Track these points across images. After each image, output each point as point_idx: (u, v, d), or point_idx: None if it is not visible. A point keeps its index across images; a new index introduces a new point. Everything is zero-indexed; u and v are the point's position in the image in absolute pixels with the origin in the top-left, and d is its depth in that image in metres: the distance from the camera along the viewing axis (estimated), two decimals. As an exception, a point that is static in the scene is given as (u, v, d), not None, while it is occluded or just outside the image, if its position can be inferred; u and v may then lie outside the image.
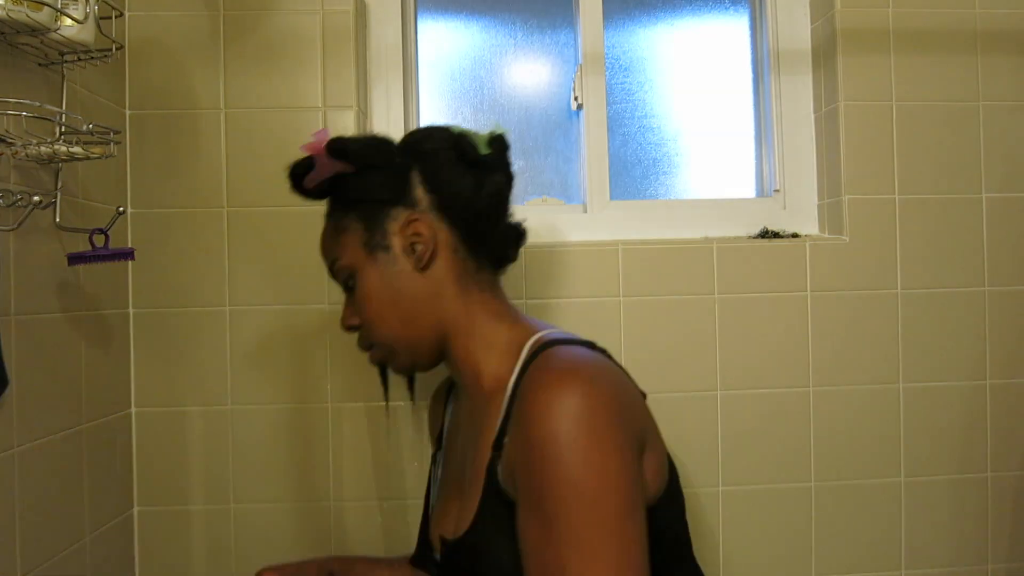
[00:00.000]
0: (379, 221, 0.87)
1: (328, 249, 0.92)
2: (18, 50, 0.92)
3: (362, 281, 0.87)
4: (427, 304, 0.87)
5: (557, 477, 0.69)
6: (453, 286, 0.87)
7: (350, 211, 0.88)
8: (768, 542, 1.29)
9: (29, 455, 0.96)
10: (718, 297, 1.29)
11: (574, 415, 0.71)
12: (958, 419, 1.31)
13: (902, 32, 1.31)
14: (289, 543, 1.26)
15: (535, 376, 0.77)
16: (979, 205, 1.32)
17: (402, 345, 0.88)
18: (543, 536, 0.70)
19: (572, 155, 1.45)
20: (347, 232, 0.88)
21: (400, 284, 0.86)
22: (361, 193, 0.87)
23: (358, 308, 0.89)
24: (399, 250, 0.86)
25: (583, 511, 0.69)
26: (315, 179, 0.88)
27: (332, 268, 0.91)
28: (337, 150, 0.85)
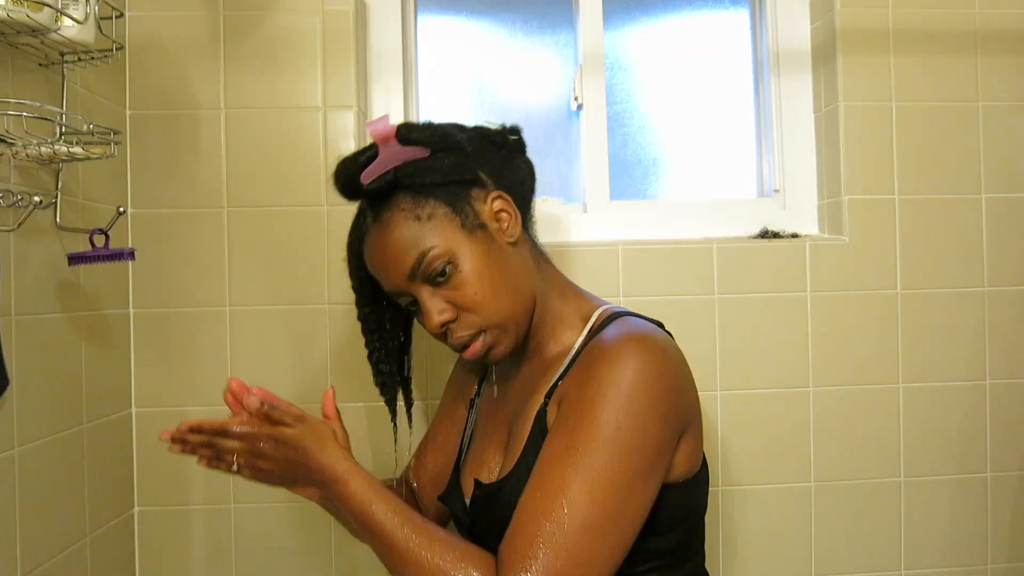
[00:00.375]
0: (465, 201, 0.85)
1: (411, 244, 0.82)
2: (18, 50, 0.92)
3: (467, 262, 0.83)
4: (527, 276, 0.88)
5: (603, 416, 0.74)
6: (532, 260, 0.91)
7: (428, 197, 0.83)
8: (768, 542, 1.29)
9: (29, 455, 0.96)
10: (718, 297, 1.29)
11: (639, 371, 0.75)
12: (958, 419, 1.31)
13: (902, 32, 1.31)
14: (289, 543, 1.26)
15: (611, 335, 0.81)
16: (979, 205, 1.32)
17: (514, 321, 0.85)
18: (563, 455, 0.74)
19: (572, 155, 1.45)
20: (434, 218, 0.83)
21: (503, 259, 0.85)
22: (442, 175, 0.84)
23: (459, 295, 0.83)
24: (491, 227, 0.86)
25: (609, 455, 0.73)
26: (378, 171, 0.83)
27: (419, 265, 0.82)
28: (408, 136, 0.83)
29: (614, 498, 0.72)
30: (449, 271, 0.83)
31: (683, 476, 0.82)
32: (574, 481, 0.72)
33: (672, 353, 0.81)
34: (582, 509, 0.71)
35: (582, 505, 0.71)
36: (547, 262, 0.94)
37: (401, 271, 0.83)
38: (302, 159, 1.25)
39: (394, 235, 0.83)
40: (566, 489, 0.72)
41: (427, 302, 0.84)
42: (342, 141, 1.26)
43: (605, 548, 0.72)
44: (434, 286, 0.84)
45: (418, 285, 0.84)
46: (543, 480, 0.74)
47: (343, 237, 1.19)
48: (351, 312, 1.24)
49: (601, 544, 0.72)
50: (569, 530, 0.70)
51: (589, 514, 0.71)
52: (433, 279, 0.83)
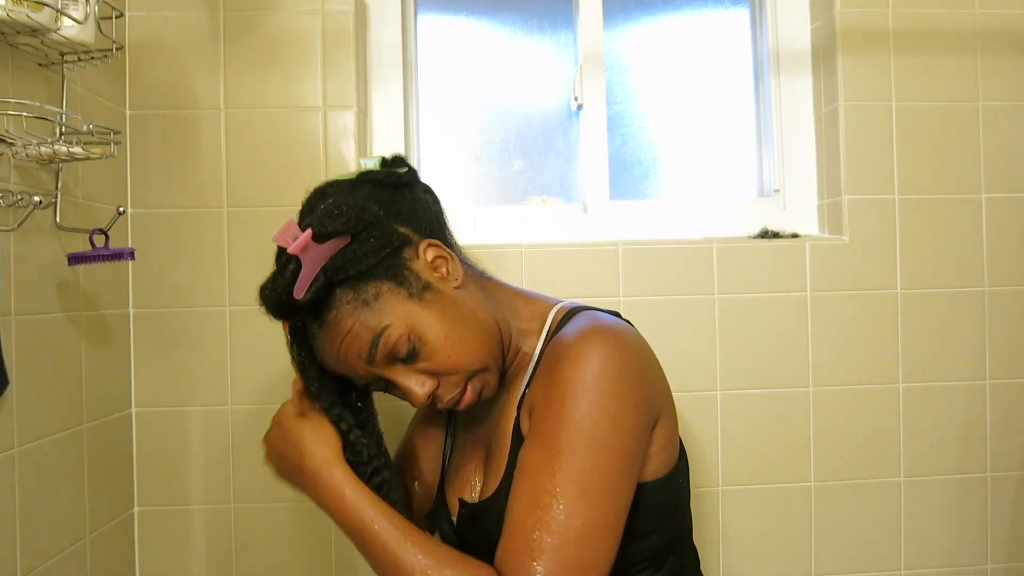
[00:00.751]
0: (403, 268, 0.81)
1: (364, 329, 0.78)
2: (18, 50, 0.92)
3: (430, 331, 0.79)
4: (484, 311, 0.85)
5: (575, 416, 0.73)
6: (479, 289, 0.88)
7: (367, 280, 0.79)
8: (768, 542, 1.29)
9: (29, 455, 0.96)
10: (718, 297, 1.29)
11: (601, 364, 0.75)
12: (958, 419, 1.31)
13: (902, 32, 1.31)
14: (289, 543, 1.26)
15: (568, 333, 0.80)
16: (979, 205, 1.32)
17: (492, 359, 0.84)
18: (546, 464, 0.73)
19: (572, 155, 1.45)
20: (380, 298, 0.79)
21: (458, 307, 0.82)
22: (374, 255, 0.79)
23: (433, 364, 0.80)
24: (436, 282, 0.82)
25: (592, 454, 0.73)
26: (308, 280, 0.78)
27: (376, 348, 0.78)
28: (324, 232, 0.78)
29: (607, 497, 0.73)
30: (416, 347, 0.79)
31: (662, 471, 0.82)
32: (566, 488, 0.72)
33: (632, 341, 0.81)
34: (579, 515, 0.71)
35: (578, 511, 0.71)
36: (490, 281, 0.92)
37: (360, 360, 0.79)
38: (302, 159, 1.25)
39: (345, 327, 0.78)
40: (558, 496, 0.71)
41: (404, 381, 0.80)
42: (342, 141, 1.26)
43: (604, 549, 0.72)
44: (405, 364, 0.80)
45: (386, 367, 0.80)
46: (533, 490, 0.73)
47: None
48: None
49: (601, 546, 0.72)
50: (570, 538, 0.70)
51: (587, 518, 0.71)
52: (404, 360, 0.80)
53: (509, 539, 0.73)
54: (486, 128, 1.45)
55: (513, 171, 1.44)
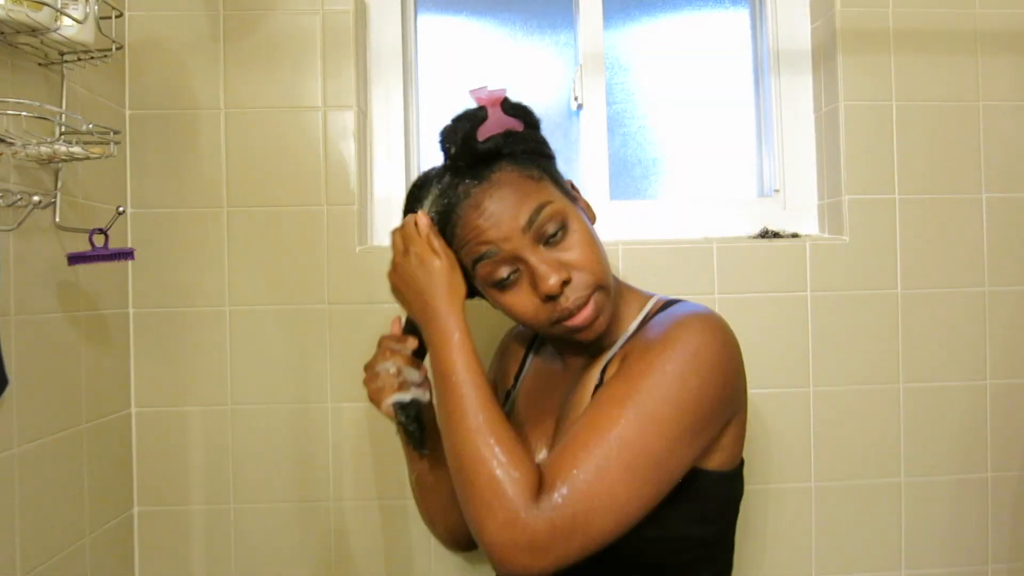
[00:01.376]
0: (556, 176, 0.88)
1: (529, 196, 0.81)
2: (18, 50, 0.92)
3: (576, 224, 0.83)
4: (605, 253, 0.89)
5: (667, 368, 0.75)
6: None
7: (532, 165, 0.85)
8: (768, 542, 1.29)
9: (29, 455, 0.96)
10: (718, 297, 1.29)
11: (709, 339, 0.78)
12: (958, 419, 1.31)
13: (902, 32, 1.31)
14: (289, 543, 1.26)
15: (676, 311, 0.84)
16: (979, 205, 1.32)
17: (615, 291, 0.87)
18: (621, 398, 0.75)
19: (572, 155, 1.45)
20: (543, 180, 0.84)
21: (593, 231, 0.87)
22: (542, 147, 0.88)
23: (572, 256, 0.82)
24: (581, 203, 0.90)
25: (668, 405, 0.74)
26: (489, 131, 0.84)
27: (538, 215, 0.81)
28: (513, 106, 0.86)
29: (662, 448, 0.73)
30: (562, 232, 0.82)
31: (728, 466, 0.83)
32: (630, 422, 0.73)
33: (731, 333, 0.83)
34: (630, 450, 0.72)
35: (630, 446, 0.72)
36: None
37: (516, 221, 0.80)
38: (302, 159, 1.25)
39: (508, 188, 0.82)
40: (619, 427, 0.73)
41: (539, 265, 0.81)
42: (342, 141, 1.26)
43: (641, 493, 0.73)
44: (547, 247, 0.82)
45: (529, 243, 0.81)
46: (598, 414, 0.75)
47: (343, 237, 1.19)
48: (351, 312, 1.25)
49: (639, 488, 0.72)
50: (614, 467, 0.71)
51: (636, 456, 0.72)
52: (547, 238, 0.82)
53: (563, 447, 0.75)
54: (486, 128, 1.44)
55: (513, 171, 1.44)
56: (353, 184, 1.26)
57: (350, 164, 1.26)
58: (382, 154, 1.36)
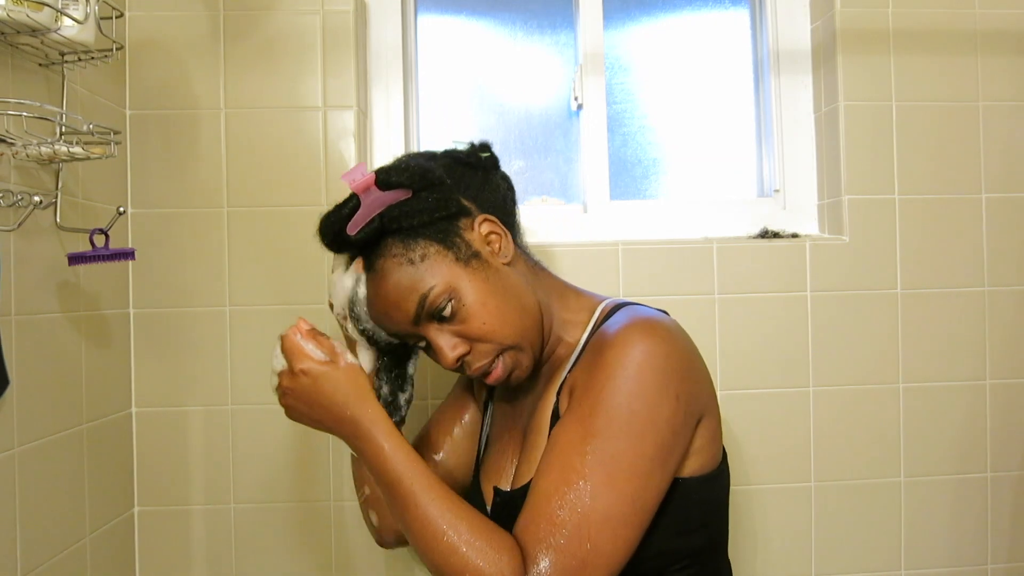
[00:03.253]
0: (455, 234, 0.84)
1: (410, 289, 0.82)
2: (18, 50, 0.92)
3: (469, 294, 0.82)
4: (528, 292, 0.88)
5: (614, 402, 0.74)
6: (530, 272, 0.91)
7: (418, 238, 0.83)
8: (768, 542, 1.29)
9: (29, 455, 0.96)
10: (718, 297, 1.29)
11: (647, 354, 0.76)
12: (958, 419, 1.31)
13: (902, 32, 1.31)
14: (289, 543, 1.26)
15: (614, 323, 0.82)
16: (979, 205, 1.32)
17: (527, 339, 0.86)
18: (578, 444, 0.74)
19: (572, 155, 1.45)
20: (427, 258, 0.82)
21: (502, 281, 0.85)
22: (428, 214, 0.83)
23: (467, 328, 0.83)
24: (485, 253, 0.86)
25: (626, 442, 0.73)
26: (362, 220, 0.82)
27: (422, 308, 0.82)
28: (388, 181, 0.82)
29: (634, 486, 0.73)
30: (453, 307, 0.82)
31: (707, 468, 0.82)
32: (595, 470, 0.72)
33: (679, 337, 0.82)
34: (604, 499, 0.72)
35: (604, 495, 0.72)
36: (543, 270, 0.94)
37: (405, 317, 0.83)
38: (302, 159, 1.25)
39: (391, 283, 0.82)
40: (586, 477, 0.72)
41: (437, 340, 0.83)
42: (342, 141, 1.26)
43: (626, 537, 0.72)
44: (440, 323, 0.83)
45: (424, 326, 0.84)
46: (562, 467, 0.74)
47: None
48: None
49: (623, 534, 0.72)
50: (592, 521, 0.71)
51: (611, 504, 0.72)
52: (439, 317, 0.82)
53: (531, 510, 0.74)
54: (486, 128, 1.45)
55: (513, 171, 1.43)
56: (353, 184, 1.26)
57: (350, 164, 1.26)
58: (382, 154, 1.36)
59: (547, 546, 0.71)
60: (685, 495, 0.80)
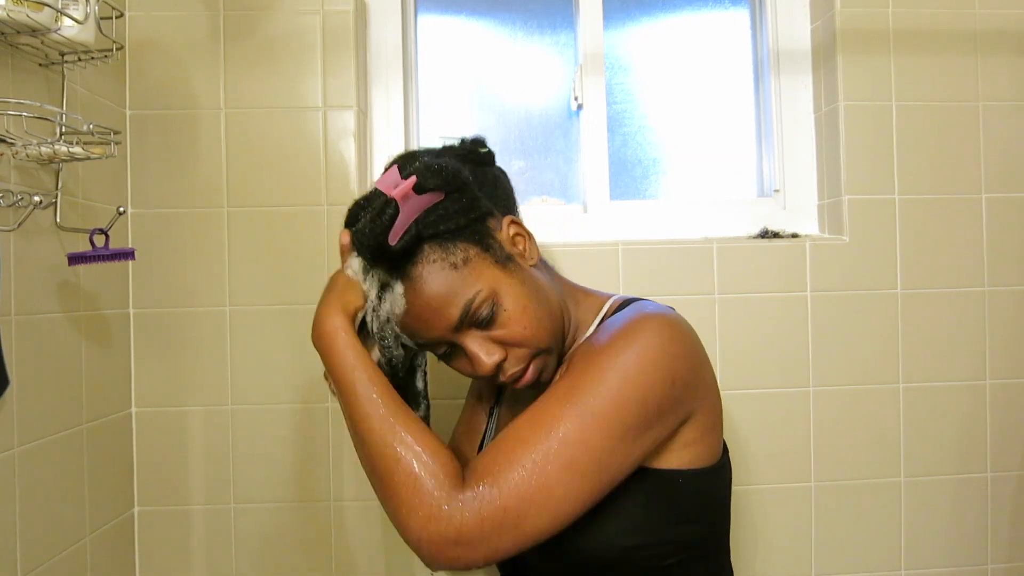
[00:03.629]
0: (488, 236, 0.83)
1: (453, 294, 0.79)
2: (18, 50, 0.92)
3: (509, 299, 0.80)
4: (554, 294, 0.87)
5: (612, 365, 0.74)
6: (548, 273, 0.91)
7: (456, 241, 0.80)
8: (768, 542, 1.29)
9: (29, 455, 0.96)
10: (718, 297, 1.29)
11: (653, 338, 0.76)
12: (958, 419, 1.31)
13: (902, 32, 1.31)
14: (289, 543, 1.26)
15: (619, 315, 0.82)
16: (979, 205, 1.32)
17: (557, 342, 0.85)
18: (564, 395, 0.74)
19: (572, 155, 1.45)
20: (469, 262, 0.80)
21: (534, 284, 0.84)
22: (464, 217, 0.81)
23: (507, 333, 0.81)
24: (515, 255, 0.84)
25: (610, 402, 0.73)
26: (402, 228, 0.78)
27: (467, 313, 0.79)
28: (426, 185, 0.78)
29: (604, 446, 0.72)
30: (496, 312, 0.80)
31: (703, 462, 0.81)
32: (570, 419, 0.72)
33: (686, 329, 0.81)
34: (570, 448, 0.71)
35: (571, 444, 0.71)
36: (554, 271, 0.94)
37: (446, 324, 0.80)
38: (302, 159, 1.26)
39: (433, 289, 0.79)
40: (560, 424, 0.72)
41: (475, 348, 0.81)
42: (342, 141, 1.26)
43: (580, 491, 0.71)
44: (480, 329, 0.81)
45: (463, 333, 0.81)
46: (539, 411, 0.74)
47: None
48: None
49: (579, 485, 0.71)
50: (553, 464, 0.70)
51: (576, 454, 0.71)
52: (480, 323, 0.80)
53: (499, 439, 0.74)
54: (486, 128, 1.45)
55: (513, 171, 1.43)
56: (353, 184, 1.26)
57: (350, 164, 1.26)
58: (382, 154, 1.36)
59: (499, 473, 0.70)
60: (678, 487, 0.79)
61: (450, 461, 0.72)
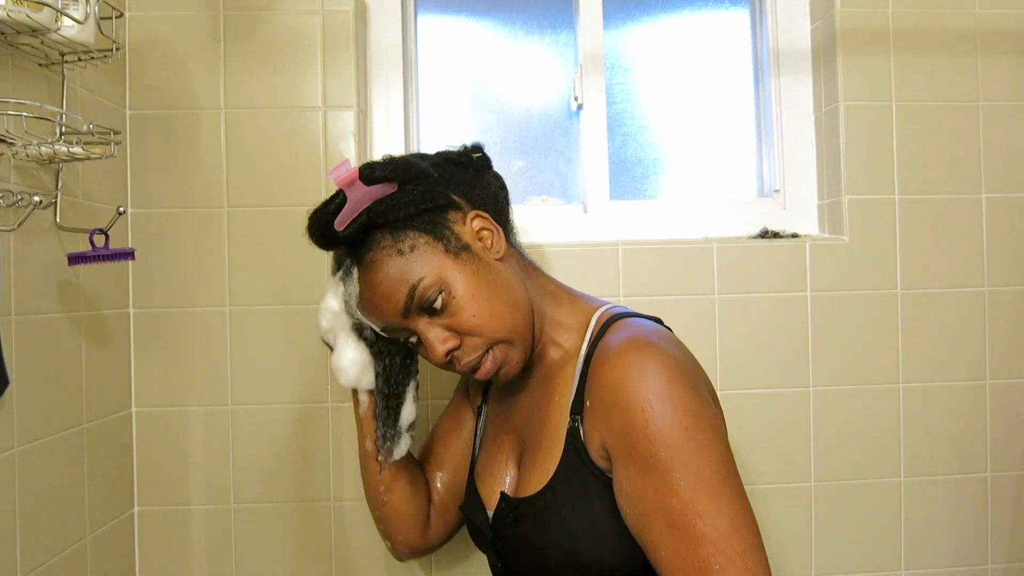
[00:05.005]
0: (444, 226, 0.84)
1: (399, 280, 0.82)
2: (18, 50, 0.92)
3: (459, 285, 0.82)
4: (519, 288, 0.87)
5: (665, 429, 0.72)
6: (522, 271, 0.91)
7: (407, 229, 0.83)
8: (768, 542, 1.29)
9: (29, 455, 0.96)
10: (718, 297, 1.29)
11: (663, 374, 0.75)
12: (958, 419, 1.31)
13: (902, 32, 1.31)
14: (289, 543, 1.26)
15: (613, 344, 0.81)
16: (979, 205, 1.32)
17: (518, 335, 0.85)
18: (663, 487, 0.72)
19: (572, 155, 1.45)
20: (416, 249, 0.82)
21: (494, 276, 0.85)
22: (415, 206, 0.83)
23: (457, 321, 0.82)
24: (476, 248, 0.86)
25: (698, 455, 0.72)
26: (349, 216, 0.82)
27: (412, 299, 0.82)
28: (372, 175, 0.82)
29: (733, 484, 0.73)
30: (444, 299, 0.82)
31: None
32: (698, 498, 0.71)
33: (676, 346, 0.82)
34: (723, 514, 0.71)
35: (719, 512, 0.71)
36: (536, 270, 0.94)
37: (395, 308, 0.83)
38: (302, 159, 1.25)
39: (380, 274, 0.83)
40: (698, 508, 0.71)
41: (427, 333, 0.83)
42: (342, 141, 1.26)
43: (755, 531, 0.73)
44: (431, 316, 0.83)
45: (414, 319, 0.84)
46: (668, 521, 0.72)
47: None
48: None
49: (753, 528, 0.73)
50: (725, 536, 0.70)
51: (730, 513, 0.71)
52: (429, 309, 0.83)
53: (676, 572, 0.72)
54: (486, 128, 1.45)
55: (513, 171, 1.44)
56: (353, 184, 1.26)
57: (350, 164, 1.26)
58: (382, 154, 1.35)
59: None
60: None
61: None
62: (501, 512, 0.88)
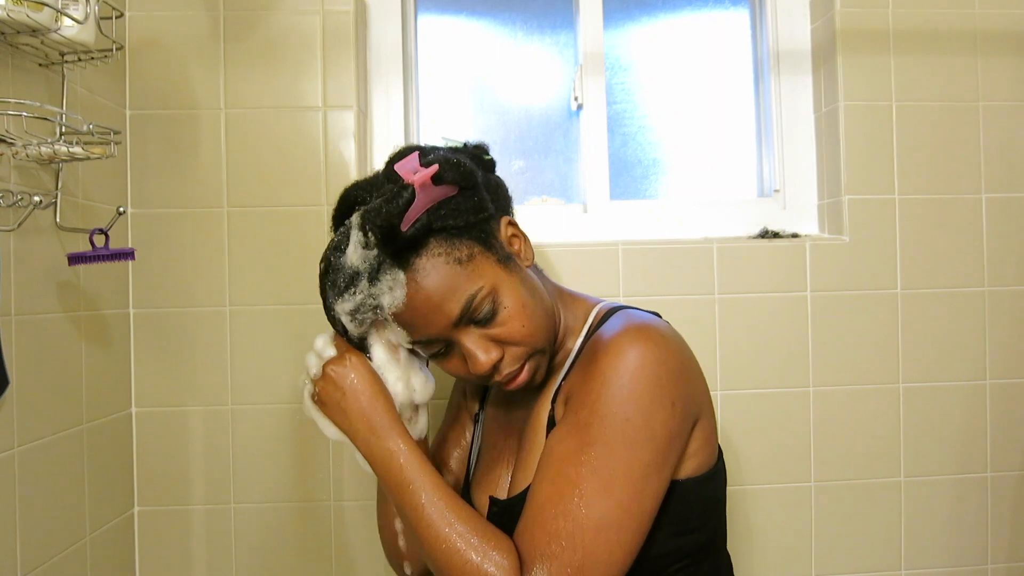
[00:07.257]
0: (491, 235, 0.83)
1: (455, 289, 0.78)
2: (18, 50, 0.92)
3: (509, 297, 0.80)
4: (547, 295, 0.87)
5: (609, 410, 0.74)
6: (539, 275, 0.91)
7: (462, 237, 0.79)
8: (768, 542, 1.29)
9: (29, 455, 0.96)
10: (718, 297, 1.29)
11: (641, 361, 0.75)
12: (958, 419, 1.31)
13: (902, 32, 1.31)
14: (289, 543, 1.26)
15: (607, 330, 0.81)
16: (979, 205, 1.32)
17: (550, 342, 0.85)
18: (574, 454, 0.74)
19: (572, 155, 1.45)
20: (473, 258, 0.79)
21: (531, 284, 0.84)
22: (473, 214, 0.80)
23: (505, 331, 0.80)
24: (516, 255, 0.85)
25: (621, 450, 0.73)
26: (415, 215, 0.76)
27: (468, 308, 0.78)
28: (442, 176, 0.77)
29: (629, 492, 0.73)
30: (496, 310, 0.80)
31: (703, 469, 0.82)
32: (589, 479, 0.73)
33: (672, 340, 0.81)
34: (599, 507, 0.72)
35: (598, 503, 0.72)
36: (543, 273, 0.94)
37: (446, 319, 0.79)
38: (302, 159, 1.26)
39: (434, 282, 0.77)
40: (581, 486, 0.72)
41: (472, 346, 0.80)
42: (342, 141, 1.26)
43: (622, 545, 0.73)
44: (479, 327, 0.80)
45: (462, 329, 0.80)
46: (556, 477, 0.74)
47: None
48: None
49: (617, 541, 0.72)
50: (586, 528, 0.71)
51: (606, 512, 0.72)
52: (480, 320, 0.80)
53: (528, 519, 0.75)
54: (486, 128, 1.45)
55: (513, 171, 1.44)
56: (353, 184, 1.26)
57: (350, 164, 1.26)
58: (382, 154, 1.36)
59: (542, 554, 0.71)
60: (684, 497, 0.80)
61: (512, 553, 0.74)
62: (492, 516, 0.88)
